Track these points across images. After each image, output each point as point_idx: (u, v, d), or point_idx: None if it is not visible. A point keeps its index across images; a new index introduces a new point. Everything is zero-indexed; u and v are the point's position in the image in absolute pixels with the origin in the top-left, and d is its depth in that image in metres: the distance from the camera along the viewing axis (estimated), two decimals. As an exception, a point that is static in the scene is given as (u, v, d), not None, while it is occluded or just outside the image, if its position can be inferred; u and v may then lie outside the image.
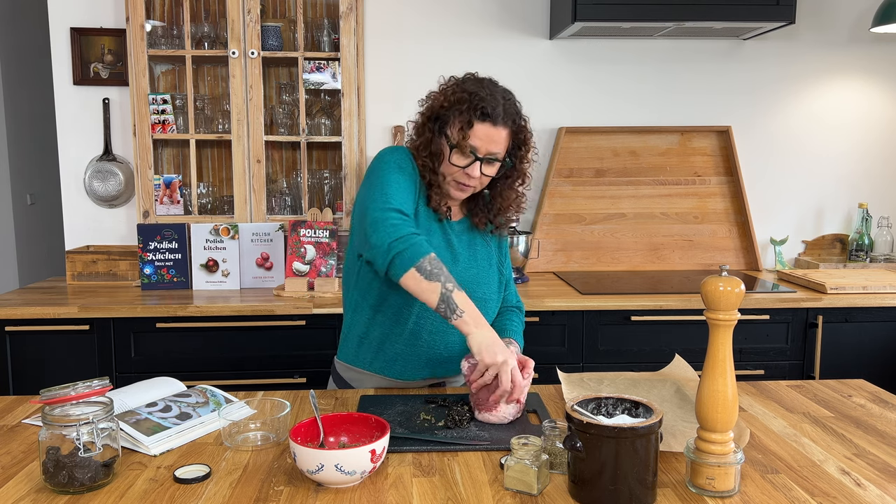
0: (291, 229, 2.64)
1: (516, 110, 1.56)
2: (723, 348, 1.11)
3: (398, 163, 1.56)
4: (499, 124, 1.51)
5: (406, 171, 1.56)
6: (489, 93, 1.52)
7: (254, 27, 2.69)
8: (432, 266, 1.39)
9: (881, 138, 3.13)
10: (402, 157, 1.58)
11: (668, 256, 3.04)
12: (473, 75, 1.59)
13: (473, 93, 1.51)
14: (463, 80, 1.57)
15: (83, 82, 2.86)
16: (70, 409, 1.15)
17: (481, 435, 1.34)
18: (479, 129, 1.51)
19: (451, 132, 1.53)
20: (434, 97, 1.59)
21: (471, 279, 1.61)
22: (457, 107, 1.52)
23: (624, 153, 3.04)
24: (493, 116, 1.50)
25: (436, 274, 1.38)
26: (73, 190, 2.92)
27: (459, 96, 1.52)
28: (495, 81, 1.58)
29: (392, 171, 1.54)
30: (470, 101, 1.50)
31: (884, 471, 1.21)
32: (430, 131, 1.56)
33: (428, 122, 1.57)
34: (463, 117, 1.51)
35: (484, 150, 1.52)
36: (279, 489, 1.14)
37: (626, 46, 3.03)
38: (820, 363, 2.56)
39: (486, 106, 1.50)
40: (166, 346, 2.42)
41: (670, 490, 1.13)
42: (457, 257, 1.61)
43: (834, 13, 3.05)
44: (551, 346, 2.50)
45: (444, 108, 1.54)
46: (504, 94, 1.55)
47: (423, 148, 1.57)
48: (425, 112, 1.59)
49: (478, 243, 1.66)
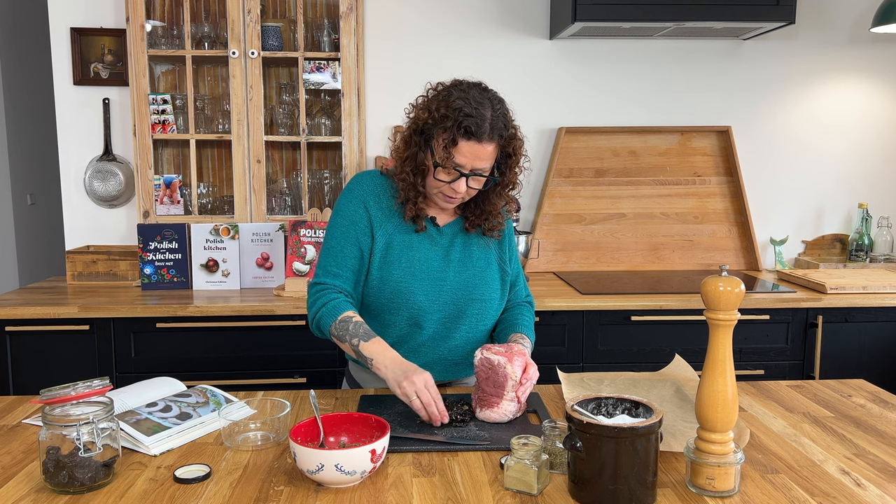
0: (291, 229, 2.64)
1: (504, 122, 1.49)
2: (723, 348, 1.11)
3: (342, 213, 1.61)
4: (484, 140, 1.46)
5: (350, 217, 1.59)
6: (475, 106, 1.45)
7: (254, 27, 2.69)
8: (338, 330, 1.52)
9: (881, 138, 3.13)
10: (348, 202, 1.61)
11: (668, 256, 3.04)
12: (461, 83, 1.52)
13: (458, 108, 1.45)
14: (448, 92, 1.50)
15: (83, 82, 2.86)
16: (70, 409, 1.15)
17: (481, 435, 1.34)
18: (463, 146, 1.46)
19: (436, 148, 1.49)
20: (419, 108, 1.53)
21: (466, 282, 1.61)
22: (441, 123, 1.46)
23: (624, 153, 3.04)
24: (478, 134, 1.45)
25: (342, 335, 1.51)
26: (73, 190, 2.92)
27: (444, 112, 1.46)
28: (484, 88, 1.52)
29: (333, 227, 1.61)
30: (455, 118, 1.45)
31: (884, 471, 1.21)
32: (416, 145, 1.52)
33: (413, 136, 1.53)
34: (447, 135, 1.46)
35: (469, 166, 1.49)
36: (279, 489, 1.14)
37: (626, 46, 3.03)
38: (820, 363, 2.56)
39: (471, 124, 1.44)
40: (166, 346, 2.42)
41: (670, 490, 1.13)
42: (448, 263, 1.61)
43: (834, 13, 3.05)
44: (551, 346, 2.50)
45: (429, 122, 1.49)
46: (493, 105, 1.48)
47: (408, 161, 1.53)
48: (410, 125, 1.54)
49: (474, 244, 1.65)
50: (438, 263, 1.60)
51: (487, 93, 1.51)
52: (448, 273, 1.60)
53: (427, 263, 1.59)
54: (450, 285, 1.59)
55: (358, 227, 1.59)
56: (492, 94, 1.52)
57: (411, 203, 1.56)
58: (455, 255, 1.62)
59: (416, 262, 1.58)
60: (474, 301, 1.61)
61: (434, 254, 1.60)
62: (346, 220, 1.60)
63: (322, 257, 1.61)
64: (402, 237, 1.59)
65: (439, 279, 1.59)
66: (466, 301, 1.60)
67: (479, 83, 1.53)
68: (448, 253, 1.62)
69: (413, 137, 1.53)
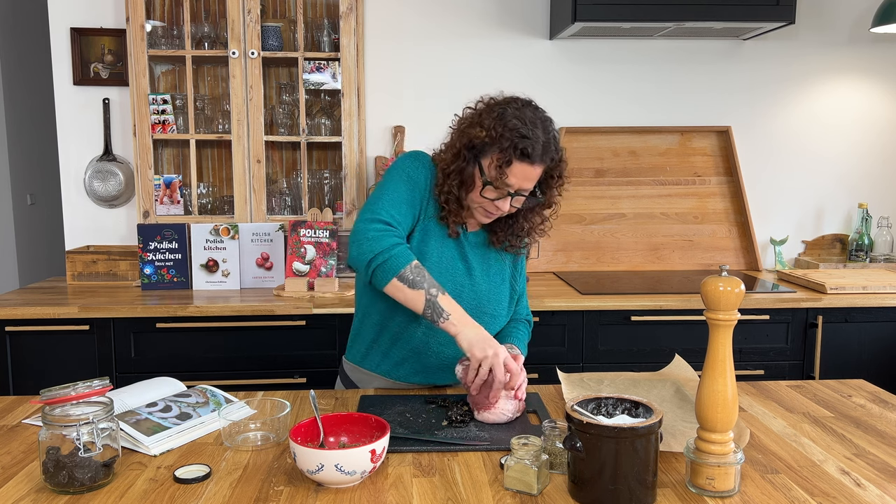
0: (291, 229, 2.64)
1: (556, 145, 1.49)
2: (723, 348, 1.11)
3: (409, 173, 1.55)
4: (537, 163, 1.46)
5: (415, 181, 1.54)
6: (531, 127, 1.44)
7: (254, 27, 2.69)
8: (414, 275, 1.41)
9: (881, 138, 3.13)
10: (416, 168, 1.56)
11: (668, 256, 3.04)
12: (515, 101, 1.51)
13: (515, 129, 1.44)
14: (503, 110, 1.48)
15: (83, 82, 2.86)
16: (70, 409, 1.15)
17: (481, 435, 1.34)
18: (517, 168, 1.45)
19: (487, 167, 1.48)
20: (470, 122, 1.51)
21: (482, 294, 1.61)
22: (498, 143, 1.45)
23: (624, 153, 3.04)
24: (532, 157, 1.44)
25: (418, 282, 1.41)
26: (73, 190, 2.92)
27: (501, 132, 1.45)
28: (536, 107, 1.51)
29: (397, 180, 1.53)
30: (511, 138, 1.43)
31: (884, 471, 1.21)
32: (465, 160, 1.50)
33: (463, 150, 1.50)
34: (503, 156, 1.45)
35: (517, 186, 1.48)
36: (279, 489, 1.14)
37: (626, 46, 3.03)
38: (820, 363, 2.56)
39: (528, 146, 1.43)
40: (166, 346, 2.42)
41: (670, 490, 1.13)
42: (471, 270, 1.60)
43: (834, 13, 3.05)
44: (551, 346, 2.50)
45: (485, 141, 1.47)
46: (545, 126, 1.48)
47: (454, 175, 1.51)
48: (461, 137, 1.51)
49: (492, 258, 1.64)
50: (462, 269, 1.59)
51: (539, 112, 1.51)
52: (467, 283, 1.59)
53: (453, 265, 1.58)
54: (467, 294, 1.59)
55: (419, 193, 1.55)
56: (542, 114, 1.51)
57: (454, 215, 1.55)
58: (476, 266, 1.61)
59: (444, 262, 1.57)
60: (484, 315, 1.60)
61: (460, 260, 1.60)
62: (412, 181, 1.54)
63: (383, 199, 1.50)
64: (438, 233, 1.58)
65: (460, 285, 1.58)
66: (478, 314, 1.59)
67: (530, 101, 1.53)
68: (471, 262, 1.61)
69: (463, 152, 1.50)
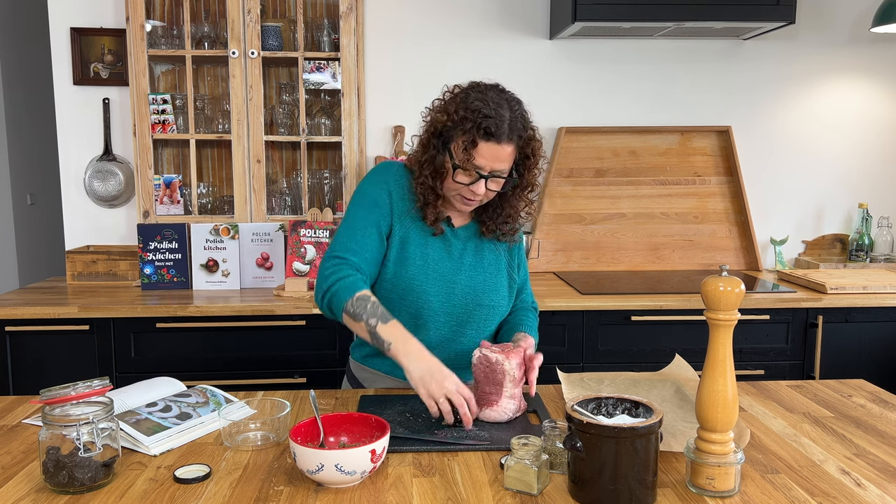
0: (291, 229, 2.64)
1: (523, 123, 1.50)
2: (723, 348, 1.11)
3: (363, 192, 1.59)
4: (503, 142, 1.46)
5: (372, 197, 1.57)
6: (494, 107, 1.45)
7: (254, 27, 2.69)
8: (355, 307, 1.45)
9: (881, 138, 3.13)
10: (372, 183, 1.59)
11: (668, 256, 3.04)
12: (478, 85, 1.52)
13: (477, 110, 1.45)
14: (466, 94, 1.50)
15: (83, 82, 2.86)
16: (70, 409, 1.15)
17: (481, 435, 1.34)
18: (483, 148, 1.46)
19: (455, 151, 1.49)
20: (437, 110, 1.53)
21: (477, 286, 1.61)
22: (460, 125, 1.47)
23: (624, 153, 3.04)
24: (497, 135, 1.45)
25: (359, 314, 1.44)
26: (73, 190, 2.92)
27: (463, 114, 1.46)
28: (502, 89, 1.52)
29: (354, 205, 1.59)
30: (474, 119, 1.45)
31: (884, 471, 1.21)
32: (434, 147, 1.52)
33: (431, 139, 1.53)
34: (467, 136, 1.46)
35: (489, 168, 1.48)
36: (279, 489, 1.14)
37: (626, 46, 3.03)
38: (820, 363, 2.56)
39: (490, 124, 1.44)
40: (166, 346, 2.42)
41: (670, 490, 1.13)
42: (460, 266, 1.60)
43: (834, 13, 3.05)
44: (551, 346, 2.50)
45: (448, 125, 1.49)
46: (511, 106, 1.48)
47: (426, 165, 1.53)
48: (428, 127, 1.54)
49: (485, 249, 1.64)
50: (451, 266, 1.59)
51: (505, 94, 1.51)
52: (459, 276, 1.59)
53: (440, 264, 1.59)
54: (460, 289, 1.59)
55: (381, 210, 1.57)
56: (509, 95, 1.52)
57: (431, 206, 1.56)
58: (467, 259, 1.61)
59: (429, 262, 1.58)
60: (482, 307, 1.61)
61: (447, 256, 1.60)
62: (369, 201, 1.57)
63: (341, 234, 1.56)
64: (419, 235, 1.59)
65: (451, 281, 1.58)
66: (475, 306, 1.60)
67: (496, 85, 1.53)
68: (461, 256, 1.61)
69: (431, 140, 1.52)
